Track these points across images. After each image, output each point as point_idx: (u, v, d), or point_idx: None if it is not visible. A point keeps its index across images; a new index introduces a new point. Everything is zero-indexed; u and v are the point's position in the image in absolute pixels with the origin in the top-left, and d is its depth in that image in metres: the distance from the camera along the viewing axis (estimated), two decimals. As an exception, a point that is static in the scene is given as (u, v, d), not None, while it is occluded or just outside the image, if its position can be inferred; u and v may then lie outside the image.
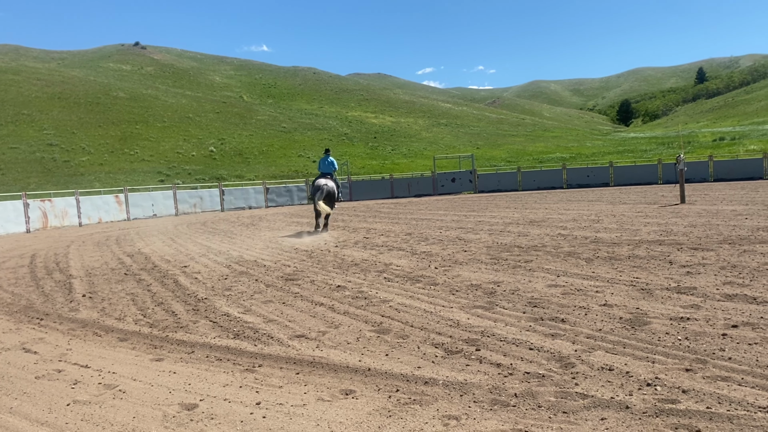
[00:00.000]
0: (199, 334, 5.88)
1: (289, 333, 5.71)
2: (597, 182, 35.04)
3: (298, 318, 6.30)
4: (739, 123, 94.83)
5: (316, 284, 8.20)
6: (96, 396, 4.35)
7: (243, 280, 8.87)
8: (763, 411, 3.34)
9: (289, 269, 9.69)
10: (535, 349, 4.73)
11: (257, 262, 10.69)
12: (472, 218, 17.48)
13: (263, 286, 8.33)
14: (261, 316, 6.49)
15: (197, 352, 5.30)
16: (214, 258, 11.74)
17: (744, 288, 6.30)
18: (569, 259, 8.87)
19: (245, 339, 5.61)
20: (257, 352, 5.15)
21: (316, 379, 4.40)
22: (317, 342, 5.35)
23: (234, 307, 7.05)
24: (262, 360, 4.95)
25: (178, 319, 6.62)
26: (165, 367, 4.93)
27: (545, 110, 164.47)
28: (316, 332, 5.67)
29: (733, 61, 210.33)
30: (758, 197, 18.83)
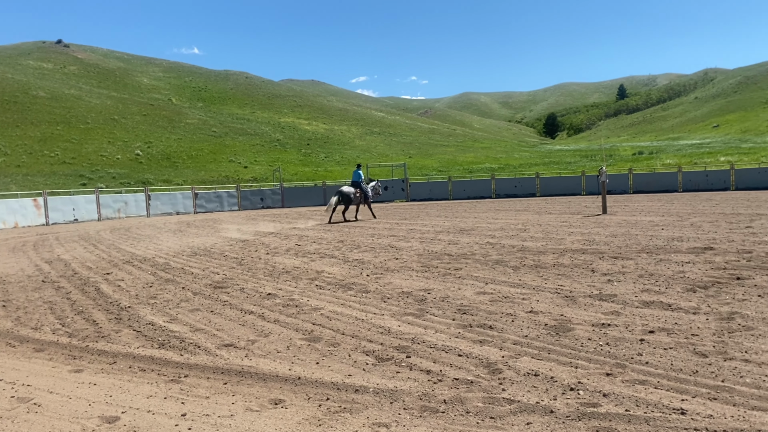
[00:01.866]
0: (121, 344, 5.66)
1: (217, 342, 5.58)
2: (524, 192, 36.06)
3: (227, 327, 6.16)
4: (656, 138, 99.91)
5: (245, 292, 8.05)
6: (8, 410, 4.10)
7: (169, 288, 8.61)
8: (677, 413, 3.51)
9: (217, 277, 9.48)
10: (464, 356, 4.80)
11: (184, 270, 10.41)
12: (404, 226, 17.63)
13: (190, 294, 8.11)
14: (188, 324, 6.31)
15: (120, 363, 5.09)
16: (138, 265, 11.34)
17: (660, 295, 6.62)
18: (497, 267, 9.08)
19: (171, 348, 5.43)
20: (183, 362, 5.00)
21: (245, 389, 4.31)
22: (246, 351, 5.24)
23: (159, 315, 6.82)
24: (189, 370, 4.81)
25: (100, 328, 6.35)
26: (84, 379, 4.71)
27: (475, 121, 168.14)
28: (245, 341, 5.57)
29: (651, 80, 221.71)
30: (673, 209, 19.87)
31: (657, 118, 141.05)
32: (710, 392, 3.80)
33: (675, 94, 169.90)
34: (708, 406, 3.58)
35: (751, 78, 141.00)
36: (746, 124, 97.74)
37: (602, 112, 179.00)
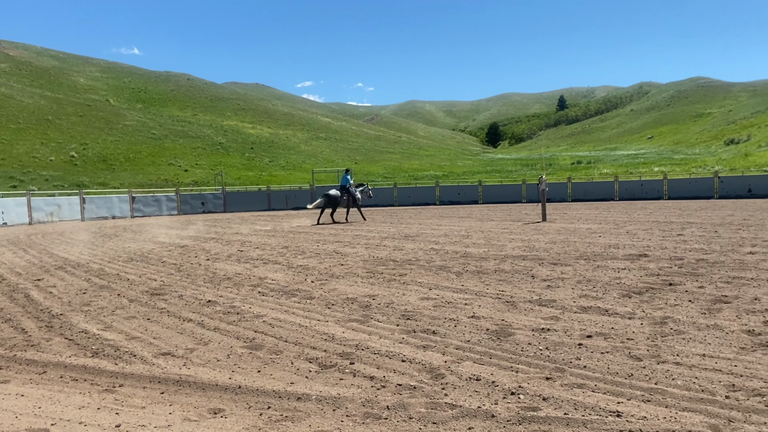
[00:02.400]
0: (52, 353, 5.41)
1: (153, 351, 5.40)
2: (467, 200, 36.60)
3: (164, 335, 5.98)
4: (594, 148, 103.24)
5: (184, 299, 7.85)
6: (-76, 426, 3.85)
7: (104, 295, 8.31)
8: (613, 415, 3.61)
9: (155, 283, 9.21)
10: (407, 361, 4.80)
11: (120, 276, 10.07)
12: (350, 232, 17.59)
13: (126, 301, 7.85)
14: (123, 333, 6.10)
15: (50, 373, 4.87)
16: (71, 271, 10.91)
17: (597, 301, 6.81)
18: (441, 273, 9.16)
19: (105, 357, 5.23)
20: (118, 372, 4.82)
21: (183, 399, 4.19)
22: (184, 360, 5.10)
23: (93, 323, 6.57)
24: (124, 379, 4.64)
25: (29, 336, 6.06)
26: (11, 390, 4.48)
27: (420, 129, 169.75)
28: (183, 349, 5.41)
29: (590, 92, 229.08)
30: (610, 217, 20.55)
31: (595, 128, 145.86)
32: (644, 394, 3.92)
33: (612, 106, 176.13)
34: (642, 408, 3.69)
35: (683, 92, 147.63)
36: (678, 136, 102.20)
37: (543, 123, 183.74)
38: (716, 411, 3.60)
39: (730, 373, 4.24)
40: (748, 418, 3.49)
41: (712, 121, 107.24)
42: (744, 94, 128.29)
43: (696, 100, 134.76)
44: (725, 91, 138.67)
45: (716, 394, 3.88)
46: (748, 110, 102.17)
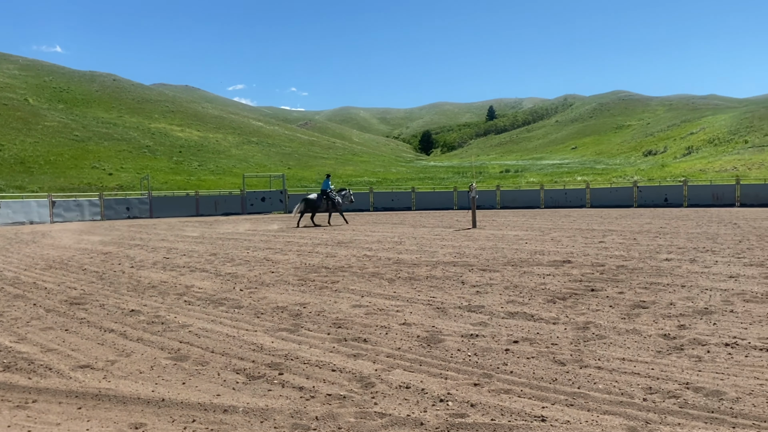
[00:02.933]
0: (-43, 369, 5.06)
1: (71, 363, 5.15)
2: (401, 206, 36.89)
3: (84, 346, 5.71)
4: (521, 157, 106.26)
5: (106, 309, 7.53)
6: None
7: (18, 305, 7.86)
8: (538, 420, 3.69)
9: (74, 292, 8.80)
10: (337, 371, 4.77)
11: (37, 284, 9.56)
12: (281, 239, 17.38)
13: (42, 311, 7.45)
14: (38, 345, 5.78)
15: (-47, 390, 4.55)
16: (-17, 279, 10.28)
17: (524, 306, 6.98)
18: (373, 280, 9.16)
19: (18, 371, 4.94)
20: (32, 386, 4.56)
21: (102, 414, 4.00)
22: (105, 372, 4.88)
23: (5, 335, 6.20)
24: (38, 395, 4.39)
25: (-69, 351, 5.65)
26: None
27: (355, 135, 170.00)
28: (103, 362, 5.18)
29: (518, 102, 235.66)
30: (536, 224, 21.16)
31: (522, 138, 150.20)
32: (568, 399, 4.03)
33: (538, 117, 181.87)
34: (566, 413, 3.79)
35: (605, 105, 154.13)
36: (600, 147, 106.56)
37: (473, 132, 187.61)
38: (635, 413, 3.75)
39: (648, 376, 4.42)
40: (663, 419, 3.65)
41: (631, 133, 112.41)
42: (661, 108, 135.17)
43: (617, 113, 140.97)
44: (644, 104, 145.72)
45: (635, 396, 4.03)
46: (665, 123, 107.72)
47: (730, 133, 76.47)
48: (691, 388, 4.15)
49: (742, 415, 3.66)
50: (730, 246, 12.48)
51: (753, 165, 53.66)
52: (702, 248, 12.18)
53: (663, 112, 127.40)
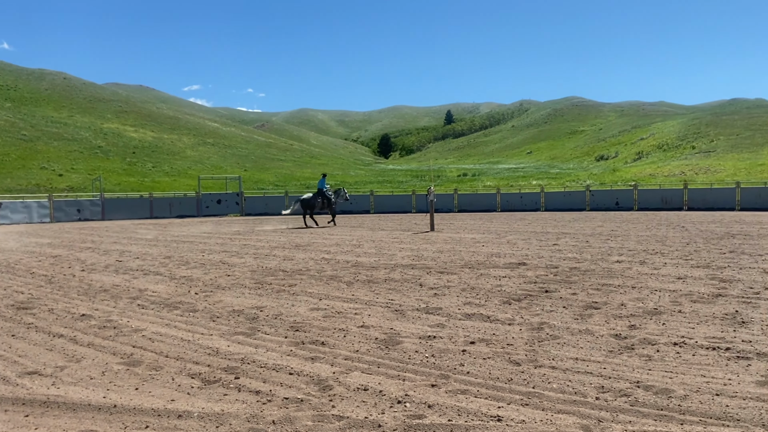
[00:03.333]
0: None
1: (18, 370, 4.97)
2: (359, 209, 36.87)
3: (31, 352, 5.53)
4: (478, 161, 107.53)
5: (55, 313, 7.30)
6: None
7: (-39, 310, 7.56)
8: (494, 419, 3.74)
9: (22, 296, 8.51)
10: (295, 374, 4.73)
11: (-19, 289, 9.21)
12: (238, 241, 17.17)
13: (-12, 316, 7.18)
14: (-18, 351, 5.57)
15: None
16: None
17: (480, 308, 7.06)
18: (331, 283, 9.14)
19: (-41, 380, 4.74)
20: (-26, 395, 4.39)
21: (50, 422, 3.87)
22: (53, 379, 4.73)
23: (-54, 342, 5.95)
24: (-19, 404, 4.22)
25: None
26: None
27: (313, 138, 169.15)
28: (52, 368, 5.02)
29: (475, 107, 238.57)
30: (492, 227, 21.45)
31: (479, 143, 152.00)
32: (523, 398, 4.09)
33: (495, 121, 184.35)
34: (521, 412, 3.85)
35: (559, 111, 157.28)
36: (554, 151, 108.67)
37: (431, 135, 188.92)
38: (587, 412, 3.83)
39: (600, 375, 4.53)
40: (615, 417, 3.74)
41: (584, 138, 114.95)
42: (613, 114, 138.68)
43: (571, 119, 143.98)
44: (597, 110, 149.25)
45: (587, 395, 4.12)
46: (617, 129, 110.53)
47: (678, 139, 78.98)
48: (641, 386, 4.27)
49: (689, 412, 3.78)
50: (678, 248, 12.88)
51: (700, 170, 55.54)
52: (651, 250, 12.54)
53: (615, 118, 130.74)
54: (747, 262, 10.49)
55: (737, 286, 8.13)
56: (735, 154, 61.08)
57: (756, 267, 9.84)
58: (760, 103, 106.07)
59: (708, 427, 3.55)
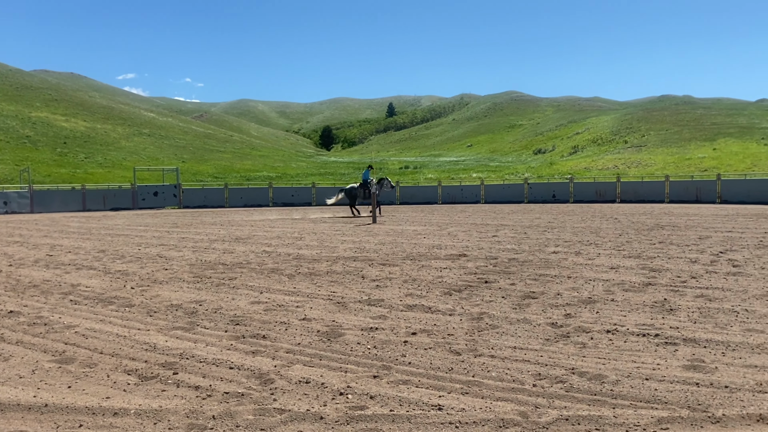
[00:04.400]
0: None
1: (-62, 371, 4.72)
2: (301, 201, 36.62)
3: (-46, 352, 5.25)
4: (420, 154, 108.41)
5: (-20, 310, 6.95)
6: None
7: None
8: (435, 408, 3.79)
9: (-57, 293, 8.06)
10: (235, 368, 4.67)
11: None
12: (176, 235, 16.77)
13: None
14: None
15: None
16: None
17: (422, 299, 7.14)
18: (273, 276, 9.05)
19: None
20: None
21: (-25, 424, 3.69)
22: (-22, 379, 4.51)
23: None
24: None
25: None
26: None
27: (253, 129, 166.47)
28: (-23, 367, 4.79)
29: (416, 100, 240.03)
30: (434, 219, 21.69)
31: (421, 135, 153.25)
32: (463, 387, 4.17)
33: (436, 114, 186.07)
34: (461, 401, 3.93)
35: (498, 105, 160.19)
36: (494, 145, 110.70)
37: (373, 128, 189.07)
38: (525, 399, 3.94)
39: (537, 363, 4.66)
40: (551, 403, 3.86)
41: (523, 132, 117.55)
42: (550, 108, 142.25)
43: (510, 112, 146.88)
44: (534, 105, 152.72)
45: (525, 383, 4.24)
46: (554, 123, 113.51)
47: (612, 133, 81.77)
48: (576, 372, 4.42)
49: (621, 396, 3.94)
50: (611, 239, 13.36)
51: (632, 164, 57.73)
52: (586, 241, 12.96)
53: (552, 112, 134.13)
54: (675, 252, 10.99)
55: (666, 275, 8.51)
56: (665, 148, 63.75)
57: (683, 257, 10.31)
58: (688, 100, 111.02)
59: (638, 410, 3.71)
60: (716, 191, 31.30)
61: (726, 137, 63.94)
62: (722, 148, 58.65)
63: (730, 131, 67.40)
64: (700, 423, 3.51)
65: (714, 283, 7.77)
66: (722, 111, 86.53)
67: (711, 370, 4.41)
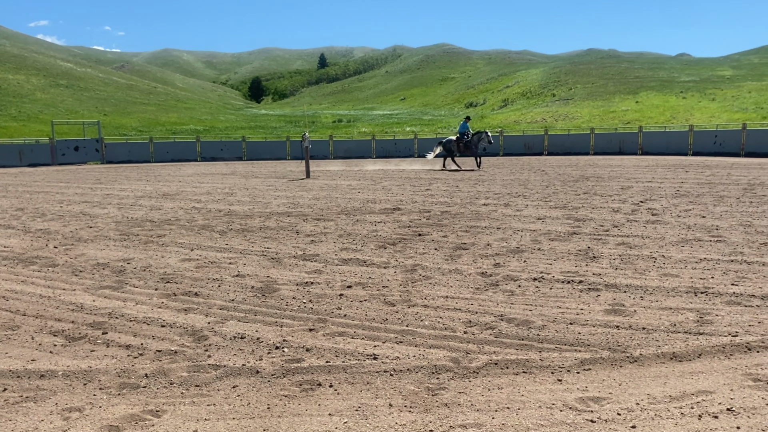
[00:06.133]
0: None
1: None
2: (231, 156, 35.78)
3: None
4: (353, 107, 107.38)
5: None
6: None
7: None
8: (370, 358, 3.88)
9: None
10: (167, 326, 4.61)
11: None
12: (100, 191, 16.13)
13: None
14: None
15: None
16: None
17: (357, 253, 7.20)
18: (203, 233, 8.88)
19: None
20: None
21: None
22: None
23: None
24: None
25: None
26: None
27: (178, 80, 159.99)
28: None
29: (349, 51, 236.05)
30: (368, 174, 21.70)
31: (354, 88, 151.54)
32: (397, 337, 4.27)
33: (369, 66, 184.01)
34: (395, 350, 4.02)
35: (431, 57, 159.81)
36: (427, 98, 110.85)
37: (305, 80, 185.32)
38: (456, 345, 4.08)
39: (468, 311, 4.82)
40: (481, 349, 4.01)
41: (455, 85, 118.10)
42: (481, 61, 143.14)
43: (442, 65, 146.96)
44: (466, 58, 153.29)
45: (456, 330, 4.38)
46: (485, 77, 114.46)
47: (540, 87, 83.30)
48: (504, 319, 4.59)
49: (546, 341, 4.13)
50: (539, 191, 13.78)
51: (559, 117, 59.19)
52: (515, 193, 13.31)
53: (483, 65, 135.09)
54: (599, 202, 11.45)
55: (590, 224, 8.87)
56: (590, 101, 65.57)
57: (606, 207, 10.77)
58: (613, 54, 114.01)
59: (563, 353, 3.91)
60: (638, 143, 32.60)
61: (648, 90, 66.30)
62: (644, 101, 60.86)
63: (651, 84, 69.89)
64: (620, 363, 3.74)
65: (634, 231, 8.17)
66: (645, 65, 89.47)
67: (630, 314, 4.67)
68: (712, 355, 3.81)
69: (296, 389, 3.45)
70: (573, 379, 3.52)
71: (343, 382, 3.54)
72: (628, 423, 2.97)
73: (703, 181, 15.08)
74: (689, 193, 12.47)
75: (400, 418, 3.08)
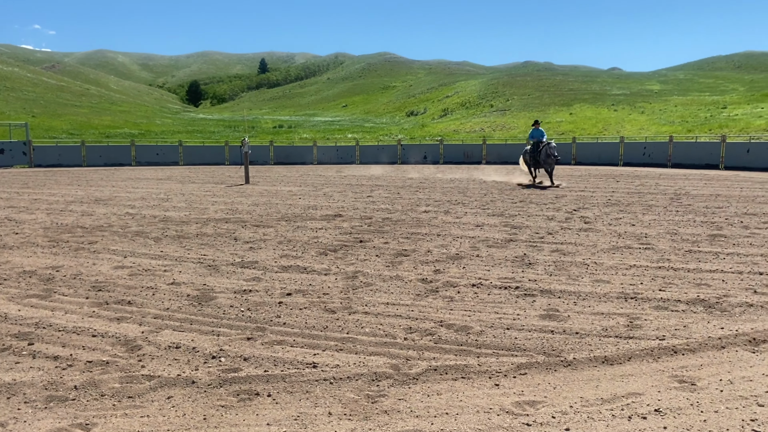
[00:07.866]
0: None
1: None
2: (167, 161, 34.88)
3: None
4: (295, 113, 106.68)
5: None
6: None
7: None
8: (310, 366, 3.84)
9: None
10: (98, 336, 4.44)
11: None
12: (27, 196, 15.41)
13: None
14: None
15: None
16: None
17: (297, 260, 7.13)
18: (137, 239, 8.61)
19: None
20: None
21: None
22: None
23: None
24: None
25: None
26: None
27: (112, 82, 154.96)
28: None
29: (290, 57, 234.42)
30: (309, 180, 21.58)
31: (295, 94, 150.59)
32: (338, 344, 4.25)
33: (311, 73, 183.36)
34: (336, 357, 4.00)
35: (373, 65, 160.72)
36: (368, 106, 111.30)
37: (245, 84, 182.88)
38: (396, 352, 4.09)
39: (408, 318, 4.84)
40: (421, 355, 4.04)
41: (396, 93, 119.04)
42: (422, 71, 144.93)
43: (384, 74, 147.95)
44: (407, 67, 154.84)
45: (397, 336, 4.40)
46: (425, 86, 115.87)
47: (479, 97, 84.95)
48: (444, 325, 4.64)
49: (484, 346, 4.20)
50: (477, 199, 14.02)
51: (497, 127, 60.50)
52: (454, 201, 13.51)
53: (424, 75, 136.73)
54: (534, 210, 11.75)
55: (525, 232, 9.09)
56: (527, 112, 67.30)
57: (541, 214, 11.06)
58: (548, 66, 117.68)
59: (500, 358, 3.98)
60: (572, 153, 33.65)
61: (581, 102, 68.63)
62: (578, 113, 62.95)
63: (584, 97, 72.40)
64: (554, 367, 3.83)
65: (568, 239, 8.42)
66: (578, 78, 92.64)
67: (564, 319, 4.81)
68: (641, 359, 3.96)
69: (233, 399, 3.38)
70: (510, 383, 3.59)
71: (281, 391, 3.49)
72: (562, 426, 3.05)
73: (633, 191, 15.70)
74: (620, 202, 12.96)
75: (340, 426, 3.07)
